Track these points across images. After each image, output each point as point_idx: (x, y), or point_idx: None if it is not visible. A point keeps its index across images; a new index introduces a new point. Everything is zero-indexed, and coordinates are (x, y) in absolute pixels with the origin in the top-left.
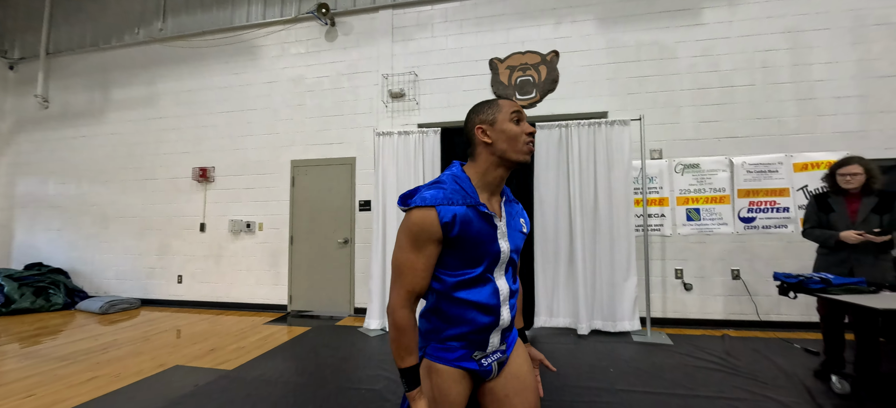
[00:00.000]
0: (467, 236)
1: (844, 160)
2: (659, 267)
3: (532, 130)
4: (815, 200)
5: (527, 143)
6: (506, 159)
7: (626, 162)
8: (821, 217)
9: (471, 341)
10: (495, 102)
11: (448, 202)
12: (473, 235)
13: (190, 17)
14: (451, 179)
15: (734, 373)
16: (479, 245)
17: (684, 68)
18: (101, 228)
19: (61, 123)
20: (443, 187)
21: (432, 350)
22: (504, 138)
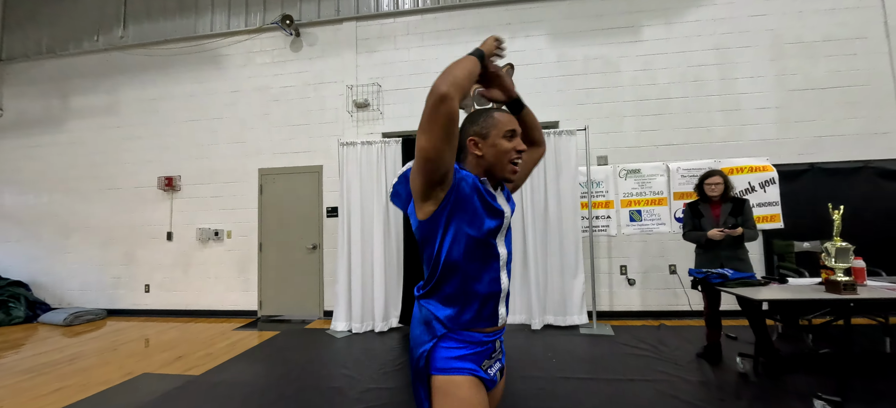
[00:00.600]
0: (466, 193)
1: (708, 173)
2: (606, 264)
3: (523, 147)
4: (689, 209)
5: (514, 160)
6: (491, 174)
7: (573, 168)
8: (694, 222)
9: (485, 316)
10: (491, 115)
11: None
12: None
13: (152, 24)
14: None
15: (659, 358)
16: (481, 203)
17: (627, 81)
18: (62, 238)
19: (16, 131)
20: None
21: (443, 362)
22: (494, 153)
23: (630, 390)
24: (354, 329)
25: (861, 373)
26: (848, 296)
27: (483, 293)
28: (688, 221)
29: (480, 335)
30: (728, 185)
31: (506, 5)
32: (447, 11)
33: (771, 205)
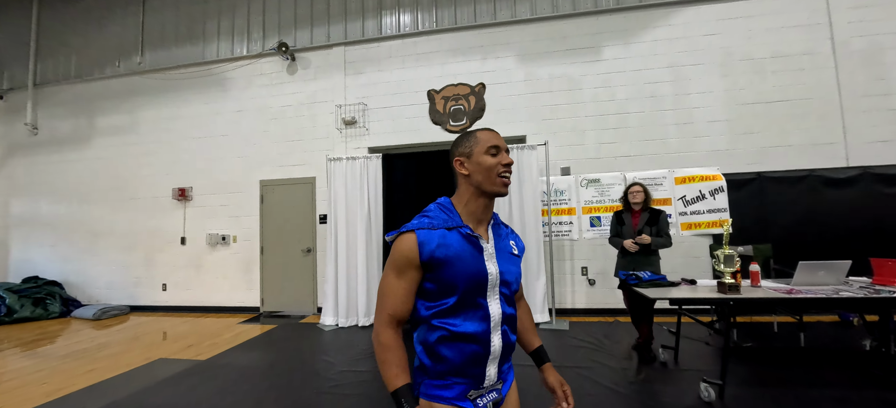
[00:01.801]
0: (447, 258)
1: (631, 184)
2: (568, 266)
3: (509, 161)
4: (615, 216)
5: (501, 174)
6: (482, 190)
7: (535, 179)
8: (618, 229)
9: (468, 373)
10: (473, 135)
11: (429, 227)
12: (454, 255)
13: (166, 51)
14: (437, 207)
15: (597, 349)
16: (462, 267)
17: (588, 98)
18: (91, 243)
19: (50, 148)
20: (427, 215)
21: (427, 388)
22: (480, 170)
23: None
24: (341, 324)
25: (765, 363)
26: (729, 295)
27: (471, 353)
28: (612, 227)
29: (464, 387)
30: (647, 195)
31: (479, 29)
32: (426, 35)
33: (720, 211)
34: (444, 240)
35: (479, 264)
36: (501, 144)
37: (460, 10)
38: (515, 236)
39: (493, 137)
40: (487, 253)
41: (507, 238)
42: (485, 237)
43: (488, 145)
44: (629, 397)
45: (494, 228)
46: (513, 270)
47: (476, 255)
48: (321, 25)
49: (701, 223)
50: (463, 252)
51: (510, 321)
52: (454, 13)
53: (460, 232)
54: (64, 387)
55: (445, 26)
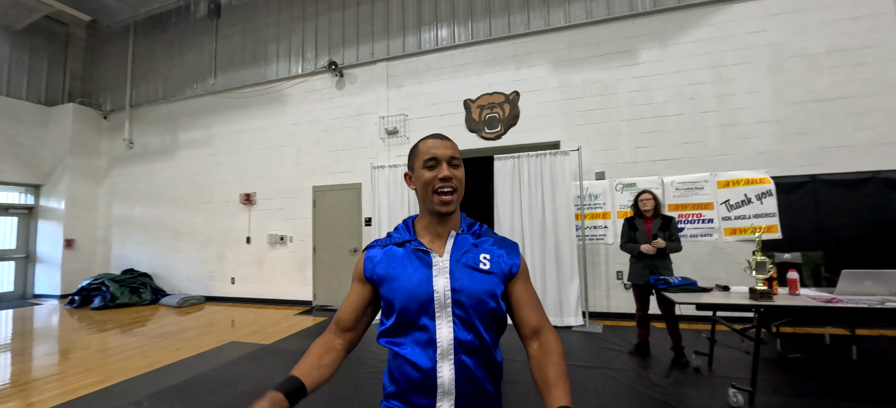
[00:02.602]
0: (387, 273)
1: (641, 192)
2: (603, 270)
3: (446, 175)
4: (626, 223)
5: (438, 190)
6: (425, 207)
7: (568, 184)
8: (630, 235)
9: (412, 403)
10: (416, 148)
11: (382, 244)
12: (394, 271)
13: (234, 73)
14: (402, 224)
15: (622, 352)
16: (402, 282)
17: (623, 102)
18: (174, 240)
19: (142, 159)
20: (390, 232)
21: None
22: (420, 186)
23: (584, 372)
24: None
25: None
26: (760, 302)
27: (410, 379)
28: (625, 233)
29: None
30: (658, 202)
31: (513, 39)
32: (462, 48)
33: (768, 216)
34: (388, 255)
35: (423, 280)
36: (441, 153)
37: (495, 22)
38: (497, 249)
39: (432, 147)
40: (438, 267)
41: (475, 250)
42: (439, 251)
43: (425, 158)
44: (655, 398)
45: (459, 239)
46: (473, 286)
47: (421, 270)
48: (366, 43)
49: (746, 229)
50: (405, 267)
51: (472, 351)
52: (489, 25)
53: (407, 246)
54: (160, 360)
55: (481, 38)
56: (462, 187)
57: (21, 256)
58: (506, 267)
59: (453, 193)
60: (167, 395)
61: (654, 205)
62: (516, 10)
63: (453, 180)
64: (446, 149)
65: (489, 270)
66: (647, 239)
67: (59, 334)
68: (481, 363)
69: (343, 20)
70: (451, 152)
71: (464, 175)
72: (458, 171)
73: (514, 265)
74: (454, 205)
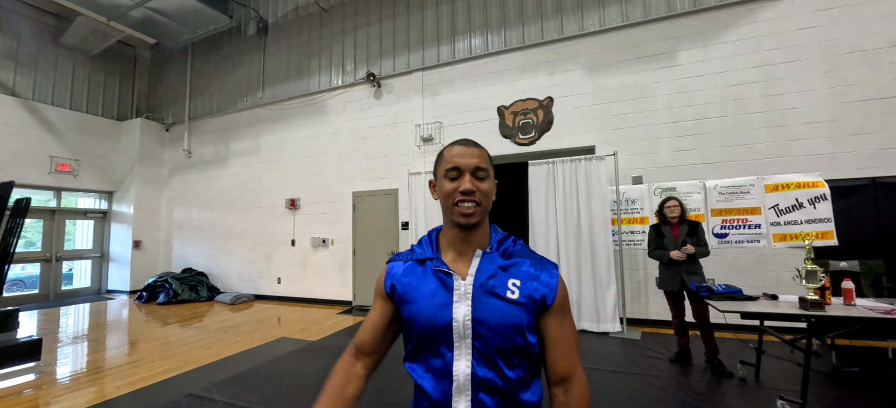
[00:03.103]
0: (405, 293)
1: (666, 198)
2: (641, 276)
3: (468, 188)
4: (653, 230)
5: (458, 203)
6: (447, 218)
7: (604, 189)
8: (657, 242)
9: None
10: (440, 155)
11: (404, 259)
12: (413, 291)
13: (280, 87)
14: (426, 236)
15: (662, 360)
16: (420, 305)
17: (662, 105)
18: (226, 242)
19: (199, 168)
20: (413, 246)
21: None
22: (442, 196)
23: (624, 379)
24: None
25: (869, 389)
26: (811, 312)
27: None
28: (651, 241)
29: None
30: (683, 208)
31: (546, 46)
32: (495, 56)
33: (822, 222)
34: (408, 273)
35: (442, 305)
36: (465, 163)
37: (527, 29)
38: (532, 270)
39: (456, 156)
40: (459, 292)
41: (503, 274)
42: (462, 272)
43: (447, 167)
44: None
45: (486, 259)
46: (495, 318)
47: (441, 293)
48: (402, 54)
49: (798, 235)
50: (424, 288)
51: (493, 390)
52: (522, 33)
53: (431, 265)
54: (221, 352)
55: (513, 46)
56: (488, 201)
57: (96, 256)
58: (538, 295)
59: (476, 206)
60: (231, 383)
61: (680, 211)
62: (549, 17)
63: (476, 194)
64: (471, 158)
65: (516, 300)
66: (676, 245)
67: (134, 326)
68: (504, 404)
69: (380, 33)
70: (477, 162)
71: (493, 188)
72: (483, 183)
73: (549, 294)
74: (477, 218)
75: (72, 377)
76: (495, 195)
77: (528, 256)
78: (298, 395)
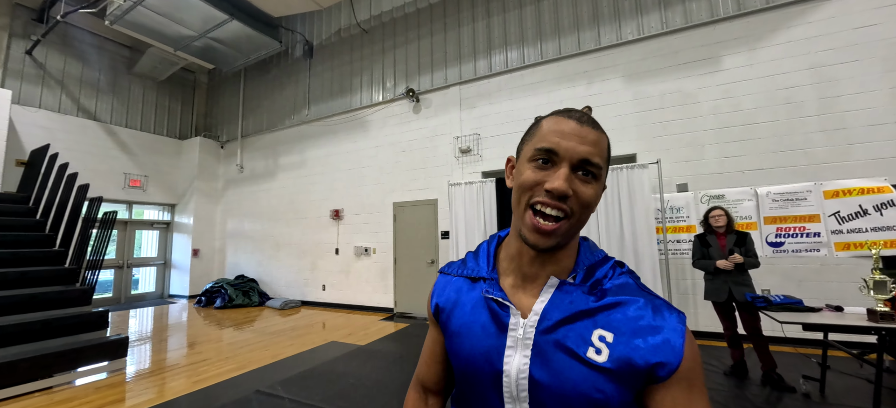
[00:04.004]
0: (450, 322)
1: (711, 208)
2: (689, 286)
3: (561, 188)
4: (698, 239)
5: (535, 205)
6: (515, 225)
7: (647, 197)
8: (703, 251)
9: None
10: (537, 125)
11: (451, 272)
12: (458, 323)
13: (324, 104)
14: (484, 244)
15: (716, 372)
16: (464, 341)
17: (706, 110)
18: (275, 251)
19: (251, 181)
20: (468, 253)
21: None
22: (516, 187)
23: None
24: None
25: None
26: (881, 325)
27: None
28: (696, 250)
29: None
30: (730, 218)
31: (583, 56)
32: (532, 68)
33: (891, 229)
34: (454, 293)
35: (491, 349)
36: (569, 147)
37: (564, 41)
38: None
39: (555, 132)
40: (516, 335)
41: (587, 322)
42: (524, 306)
43: (539, 146)
44: None
45: (563, 294)
46: (567, 386)
47: (491, 332)
48: (440, 69)
49: (863, 243)
50: (472, 318)
51: None
52: (558, 44)
53: (483, 289)
54: (279, 353)
55: (550, 57)
56: (586, 215)
57: (160, 263)
58: (642, 361)
59: (564, 221)
60: (294, 382)
61: (726, 221)
62: (586, 28)
63: (571, 200)
64: (581, 142)
65: (603, 365)
66: (723, 255)
67: (196, 328)
68: None
69: (418, 50)
70: (588, 151)
71: (598, 194)
72: (587, 187)
73: (666, 363)
74: (559, 238)
75: (151, 372)
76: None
77: (634, 294)
78: (356, 394)
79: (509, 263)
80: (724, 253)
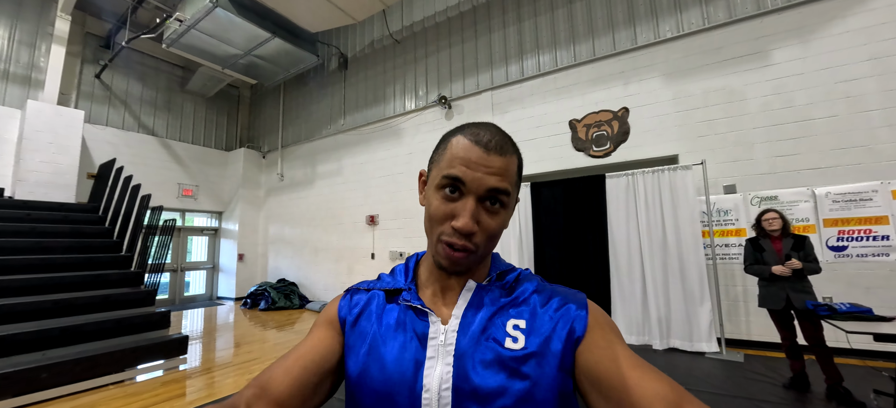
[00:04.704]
0: (359, 338)
1: (764, 211)
2: (740, 293)
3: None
4: (750, 244)
5: (443, 238)
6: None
7: (691, 200)
8: (756, 256)
9: None
10: (446, 143)
11: (364, 289)
12: (366, 336)
13: (360, 113)
14: (402, 265)
15: (781, 385)
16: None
17: (755, 108)
18: (314, 255)
19: (290, 189)
20: (382, 274)
21: None
22: (427, 215)
23: (732, 403)
24: None
25: None
26: None
27: None
28: (749, 255)
29: None
30: (785, 220)
31: (618, 56)
32: (565, 71)
33: None
34: (367, 305)
35: (405, 362)
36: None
37: (598, 42)
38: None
39: (461, 158)
40: (436, 343)
41: (502, 316)
42: (443, 313)
43: (443, 175)
44: None
45: (481, 294)
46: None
47: (407, 343)
48: (471, 76)
49: None
50: (384, 331)
51: None
52: (592, 45)
53: (393, 296)
54: None
55: (584, 59)
56: (493, 243)
57: (209, 267)
58: (560, 332)
59: (471, 255)
60: None
61: (781, 224)
62: (621, 27)
63: (477, 236)
64: (488, 172)
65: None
66: (779, 260)
67: (243, 329)
68: None
69: (450, 58)
70: (496, 182)
71: (507, 218)
72: (494, 217)
73: (575, 325)
74: (470, 263)
75: (204, 370)
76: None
77: (540, 285)
78: None
79: (429, 276)
80: (780, 258)
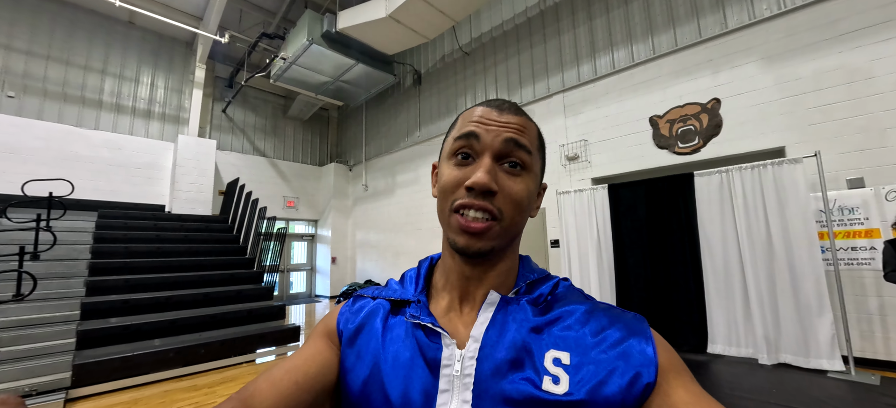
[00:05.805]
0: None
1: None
2: (874, 304)
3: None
4: (890, 246)
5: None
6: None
7: (802, 197)
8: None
9: None
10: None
11: (368, 294)
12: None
13: (434, 125)
14: (412, 270)
15: None
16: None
17: (885, 86)
18: (395, 259)
19: (374, 198)
20: (390, 280)
21: None
22: (439, 192)
23: None
24: None
25: None
26: None
27: None
28: (890, 260)
29: None
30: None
31: (704, 44)
32: (643, 65)
33: None
34: (370, 317)
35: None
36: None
37: (680, 31)
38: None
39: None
40: (449, 372)
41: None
42: (460, 335)
43: (454, 138)
44: None
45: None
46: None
47: (418, 370)
48: (541, 80)
49: None
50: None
51: None
52: (673, 36)
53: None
54: None
55: (664, 51)
56: (518, 214)
57: (308, 268)
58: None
59: (492, 221)
60: None
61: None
62: (707, 12)
63: (498, 197)
64: (500, 128)
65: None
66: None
67: None
68: None
69: (519, 64)
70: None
71: (533, 192)
72: (515, 180)
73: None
74: (492, 240)
75: None
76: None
77: (581, 301)
78: None
79: (443, 283)
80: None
